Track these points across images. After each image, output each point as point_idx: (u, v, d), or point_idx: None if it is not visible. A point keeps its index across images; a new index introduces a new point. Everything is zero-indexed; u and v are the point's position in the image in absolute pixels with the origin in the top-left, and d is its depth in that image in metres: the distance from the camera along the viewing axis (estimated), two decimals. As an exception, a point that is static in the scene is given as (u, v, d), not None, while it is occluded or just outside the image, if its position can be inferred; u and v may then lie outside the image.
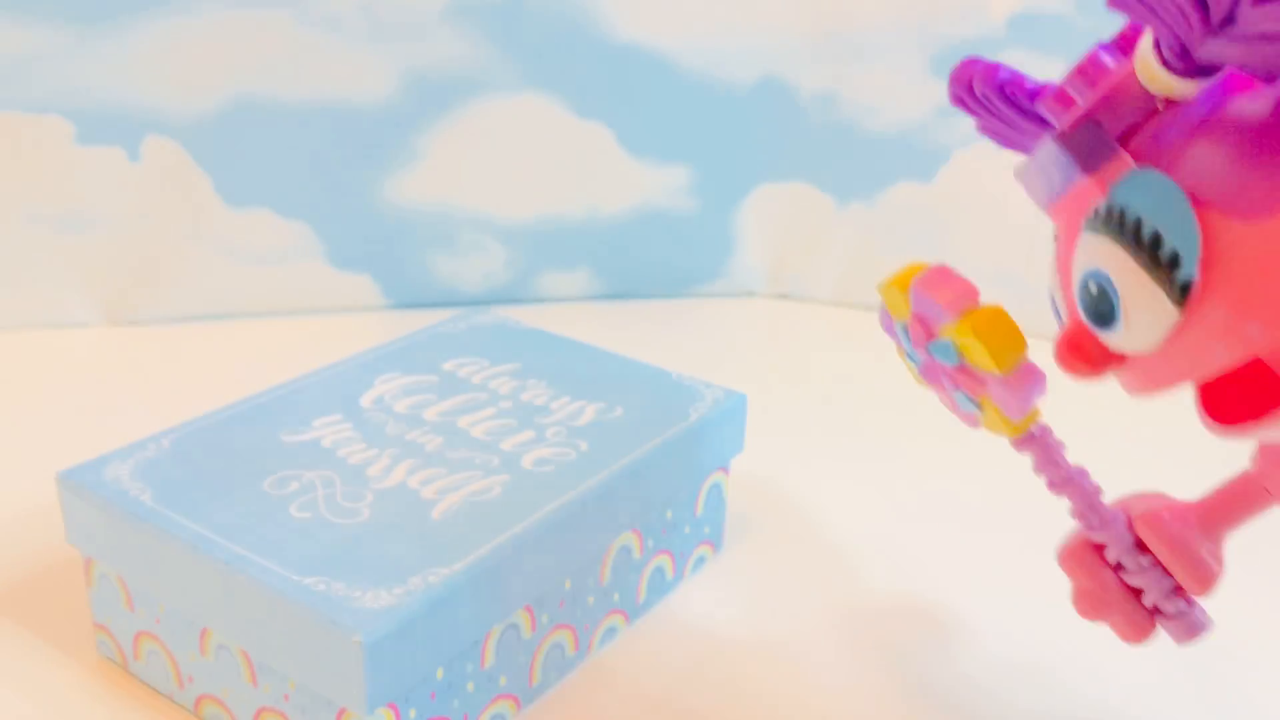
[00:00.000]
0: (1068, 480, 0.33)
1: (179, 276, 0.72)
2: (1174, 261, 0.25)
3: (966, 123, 0.34)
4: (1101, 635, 0.36)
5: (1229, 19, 0.24)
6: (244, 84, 0.70)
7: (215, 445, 0.41)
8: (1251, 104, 0.26)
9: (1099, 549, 0.35)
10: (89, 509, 0.39)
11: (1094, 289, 0.27)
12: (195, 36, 0.68)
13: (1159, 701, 0.42)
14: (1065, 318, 0.30)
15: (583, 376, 0.48)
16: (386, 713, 0.34)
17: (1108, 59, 0.29)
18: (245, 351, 0.69)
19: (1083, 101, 0.29)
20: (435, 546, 0.36)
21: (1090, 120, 0.28)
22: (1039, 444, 0.33)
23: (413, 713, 0.36)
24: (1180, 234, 0.25)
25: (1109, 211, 0.27)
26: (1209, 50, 0.25)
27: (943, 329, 0.31)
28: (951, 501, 0.54)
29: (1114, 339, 0.28)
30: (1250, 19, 0.23)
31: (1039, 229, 0.35)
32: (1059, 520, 0.35)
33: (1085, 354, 0.28)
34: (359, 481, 0.40)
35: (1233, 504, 0.35)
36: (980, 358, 0.30)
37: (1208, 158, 0.26)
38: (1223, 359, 0.26)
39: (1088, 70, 0.29)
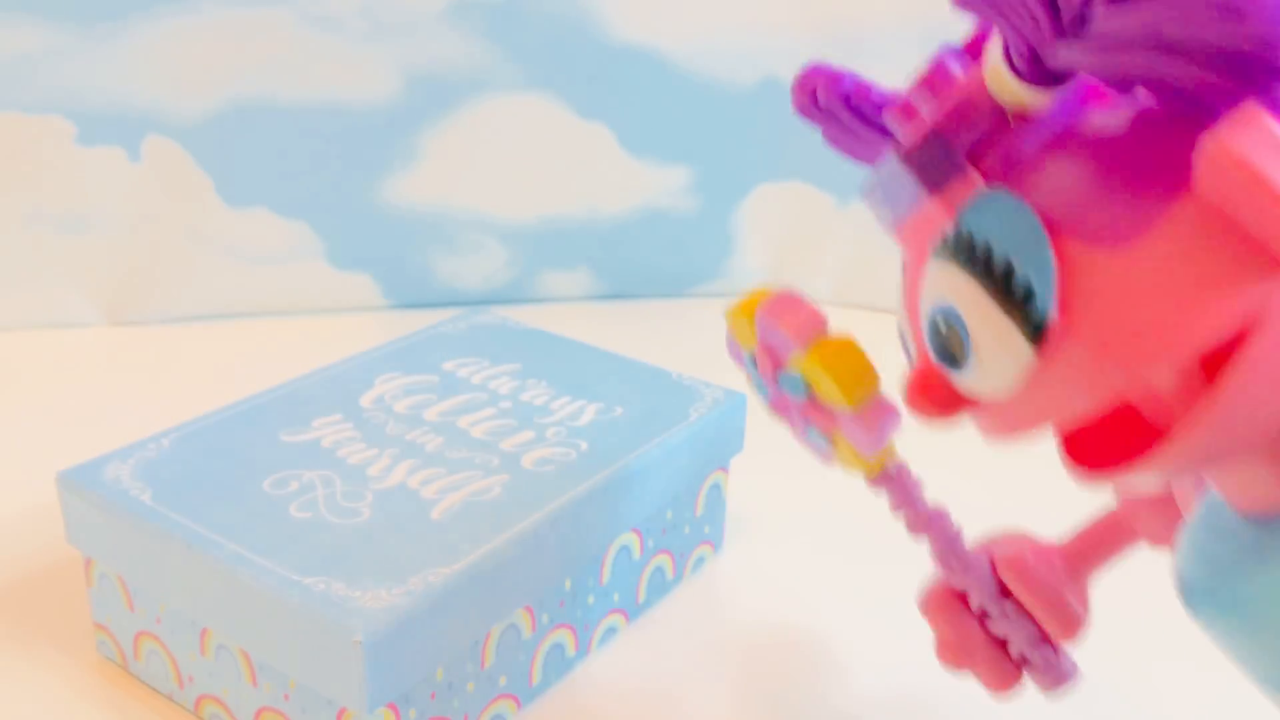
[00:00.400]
0: (927, 522, 0.31)
1: (179, 276, 0.72)
2: (1028, 296, 0.22)
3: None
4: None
5: (1081, 20, 0.21)
6: (244, 84, 0.70)
7: (215, 445, 0.41)
8: (1108, 117, 0.24)
9: (962, 596, 0.33)
10: (89, 509, 0.39)
11: (943, 325, 0.24)
12: (195, 36, 0.68)
13: None
14: (914, 355, 0.27)
15: (583, 376, 0.48)
16: (386, 713, 0.34)
17: (956, 67, 0.26)
18: (245, 351, 0.69)
19: (928, 114, 0.25)
20: (435, 546, 0.36)
21: (935, 135, 0.25)
22: (895, 483, 0.31)
23: (413, 713, 0.36)
24: (1034, 264, 0.22)
25: (957, 237, 0.24)
26: (1061, 56, 0.22)
27: (790, 360, 0.29)
28: (952, 501, 0.54)
29: (965, 380, 0.25)
30: (1104, 20, 0.21)
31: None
32: (1068, 520, 0.34)
33: (935, 396, 0.25)
34: (359, 481, 0.40)
35: (1099, 544, 0.33)
36: (829, 392, 0.28)
37: (1062, 177, 0.23)
38: (1085, 405, 0.23)
39: (933, 80, 0.26)
